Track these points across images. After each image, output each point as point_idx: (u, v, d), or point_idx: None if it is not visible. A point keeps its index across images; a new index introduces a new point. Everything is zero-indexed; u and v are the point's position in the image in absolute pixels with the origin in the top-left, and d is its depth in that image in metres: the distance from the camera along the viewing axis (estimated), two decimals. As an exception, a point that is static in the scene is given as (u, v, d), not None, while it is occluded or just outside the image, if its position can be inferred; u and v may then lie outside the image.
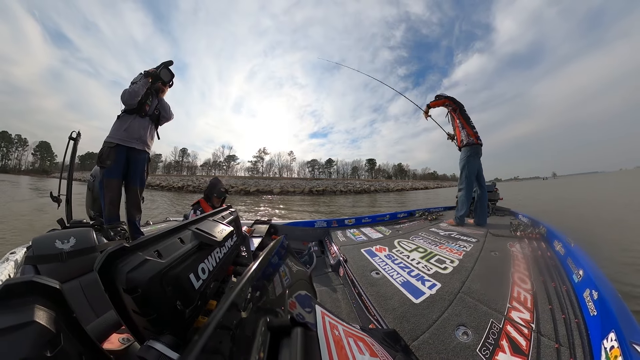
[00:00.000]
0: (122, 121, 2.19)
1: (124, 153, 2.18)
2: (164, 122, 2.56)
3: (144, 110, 2.27)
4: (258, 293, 0.59)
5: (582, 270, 1.48)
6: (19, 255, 1.47)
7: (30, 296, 0.35)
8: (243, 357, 0.40)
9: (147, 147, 2.34)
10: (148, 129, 2.33)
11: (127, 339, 0.67)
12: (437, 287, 1.50)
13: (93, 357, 0.42)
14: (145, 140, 2.31)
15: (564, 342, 1.04)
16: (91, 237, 1.52)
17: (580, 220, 7.28)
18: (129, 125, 2.19)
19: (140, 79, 2.18)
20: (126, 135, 2.17)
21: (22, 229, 6.41)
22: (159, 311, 0.45)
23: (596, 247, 4.17)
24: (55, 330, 0.35)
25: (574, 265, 1.61)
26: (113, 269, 0.42)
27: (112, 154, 2.11)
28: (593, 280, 1.30)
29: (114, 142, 2.13)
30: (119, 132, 2.16)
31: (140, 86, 2.15)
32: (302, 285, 0.95)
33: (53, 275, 0.63)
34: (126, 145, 2.18)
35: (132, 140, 2.20)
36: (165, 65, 2.29)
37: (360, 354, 0.53)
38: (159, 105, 2.42)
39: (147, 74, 2.22)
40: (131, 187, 2.29)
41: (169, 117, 2.56)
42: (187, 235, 0.64)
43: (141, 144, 2.28)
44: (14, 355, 0.30)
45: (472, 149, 3.40)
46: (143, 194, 2.45)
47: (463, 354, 1.00)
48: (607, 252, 3.96)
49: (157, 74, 2.25)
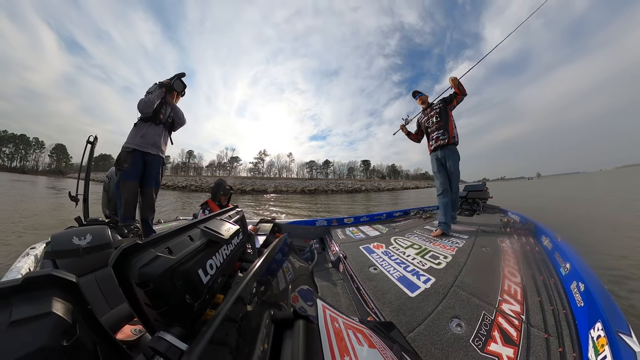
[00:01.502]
0: (138, 128, 2.26)
1: (140, 157, 2.24)
2: (178, 127, 2.62)
3: (159, 118, 2.33)
4: (263, 288, 0.59)
5: (569, 263, 1.48)
6: (39, 250, 1.48)
7: (49, 289, 0.35)
8: (248, 348, 0.40)
9: (161, 152, 2.41)
10: (162, 136, 2.40)
11: (139, 330, 0.67)
12: (432, 281, 1.50)
13: (107, 346, 0.42)
14: (160, 145, 2.37)
15: (552, 333, 1.04)
16: (106, 234, 1.53)
17: (561, 215, 7.28)
18: (145, 132, 2.25)
19: (155, 89, 2.26)
20: (142, 141, 2.24)
21: (41, 224, 6.42)
22: (169, 304, 0.45)
23: (579, 241, 4.16)
24: (71, 321, 0.35)
25: (561, 259, 1.61)
26: (127, 264, 0.43)
27: (129, 158, 2.18)
28: (579, 273, 1.29)
29: (131, 147, 2.20)
30: (136, 138, 2.23)
31: (156, 96, 2.22)
32: (304, 280, 0.95)
33: (70, 270, 0.63)
34: (142, 150, 2.24)
35: (147, 145, 2.27)
36: (178, 77, 2.39)
37: (359, 345, 0.53)
38: (172, 112, 2.48)
39: (161, 84, 2.31)
40: (146, 188, 2.34)
41: (183, 122, 2.62)
42: (196, 233, 0.64)
43: (156, 149, 2.34)
44: (33, 344, 0.30)
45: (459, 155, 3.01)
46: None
47: (457, 344, 0.99)
48: (592, 245, 3.94)
49: (171, 85, 2.34)
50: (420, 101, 3.27)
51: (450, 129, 2.94)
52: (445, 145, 2.96)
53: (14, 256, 1.65)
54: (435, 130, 3.03)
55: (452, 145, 2.96)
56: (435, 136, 3.02)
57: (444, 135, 2.94)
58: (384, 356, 0.57)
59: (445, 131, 2.94)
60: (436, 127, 3.03)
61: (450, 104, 2.96)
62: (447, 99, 2.99)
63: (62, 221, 6.34)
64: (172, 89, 2.35)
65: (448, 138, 2.92)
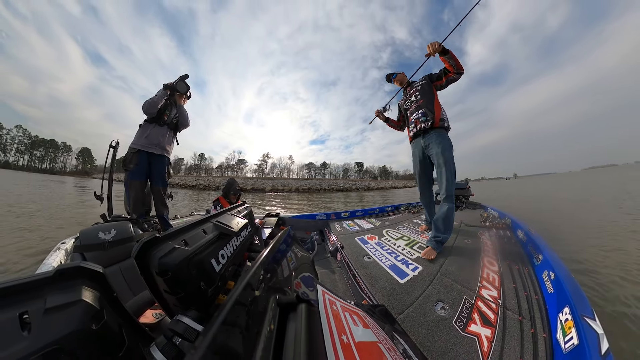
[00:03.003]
0: (143, 129, 2.16)
1: (146, 158, 2.14)
2: (182, 128, 2.48)
3: (163, 119, 2.22)
4: (269, 275, 0.59)
5: (541, 255, 1.48)
6: (69, 244, 1.48)
7: (79, 279, 0.36)
8: (257, 328, 0.40)
9: (165, 152, 2.29)
10: (166, 136, 2.27)
11: (160, 314, 0.67)
12: (419, 269, 1.50)
13: (131, 329, 0.42)
14: (164, 146, 2.26)
15: (526, 315, 1.05)
16: (129, 229, 1.52)
17: (533, 210, 7.29)
18: (149, 133, 2.15)
19: (160, 91, 2.16)
20: (147, 142, 2.14)
21: (71, 220, 6.39)
22: (186, 290, 0.45)
23: (550, 233, 4.17)
24: (99, 307, 0.35)
25: (534, 251, 1.61)
26: (147, 255, 0.43)
27: (135, 158, 2.08)
28: (550, 263, 1.30)
29: (136, 148, 2.10)
30: (141, 139, 2.13)
31: (159, 97, 2.12)
32: (305, 268, 0.95)
33: (97, 262, 0.63)
34: (147, 150, 2.14)
35: (151, 146, 2.16)
36: (181, 79, 2.26)
37: (354, 326, 0.53)
38: (177, 113, 2.35)
39: (165, 86, 2.19)
40: (154, 187, 2.26)
41: (187, 123, 2.47)
42: (209, 227, 0.64)
43: (160, 149, 2.22)
44: (66, 328, 0.30)
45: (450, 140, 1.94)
46: (169, 191, 2.42)
47: (441, 325, 1.00)
48: (565, 238, 3.95)
49: (174, 86, 2.22)
50: (398, 82, 2.37)
51: (437, 109, 1.95)
52: (428, 129, 1.95)
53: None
54: (415, 111, 2.04)
55: (439, 128, 1.94)
56: (415, 118, 2.03)
57: (425, 116, 1.95)
58: (376, 335, 0.57)
59: (429, 111, 1.94)
60: (415, 107, 2.04)
61: (439, 81, 1.98)
62: (435, 75, 2.01)
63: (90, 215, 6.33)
64: (175, 89, 2.23)
65: (433, 120, 1.91)
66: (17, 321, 0.28)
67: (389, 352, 0.54)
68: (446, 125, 1.96)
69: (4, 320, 0.27)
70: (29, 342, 0.27)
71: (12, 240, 3.98)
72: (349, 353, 0.42)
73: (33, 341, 0.27)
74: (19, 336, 0.27)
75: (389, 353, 0.53)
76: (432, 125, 1.94)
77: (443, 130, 1.96)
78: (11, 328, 0.27)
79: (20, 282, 0.30)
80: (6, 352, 0.25)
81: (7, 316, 0.27)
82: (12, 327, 0.27)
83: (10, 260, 3.14)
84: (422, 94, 2.03)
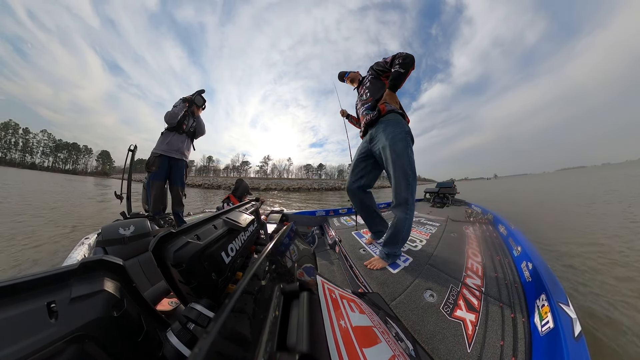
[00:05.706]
0: (165, 136, 2.24)
1: (167, 161, 2.22)
2: (199, 136, 2.58)
3: (182, 128, 2.30)
4: (274, 266, 0.59)
5: (520, 247, 1.49)
6: (92, 239, 1.48)
7: (101, 271, 0.36)
8: (263, 315, 0.40)
9: (184, 157, 2.38)
10: (185, 143, 2.37)
11: (175, 302, 0.67)
12: (410, 260, 1.50)
13: (149, 316, 0.42)
14: (183, 151, 2.35)
15: (506, 302, 1.05)
16: (147, 225, 1.52)
17: (508, 206, 7.29)
18: (170, 140, 2.23)
19: (180, 104, 2.23)
20: (167, 148, 2.22)
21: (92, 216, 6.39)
22: (199, 281, 0.45)
23: (530, 227, 4.17)
24: (119, 296, 0.35)
25: (514, 243, 1.62)
26: (163, 249, 0.43)
27: (157, 161, 2.16)
28: (529, 254, 1.31)
29: (158, 152, 2.18)
30: (162, 145, 2.21)
31: (179, 109, 2.20)
32: (307, 259, 0.95)
33: (117, 255, 0.63)
34: (167, 155, 2.22)
35: (172, 151, 2.24)
36: (198, 93, 2.37)
37: (352, 312, 0.53)
38: (194, 123, 2.44)
39: (184, 99, 2.28)
40: (173, 187, 2.33)
41: (203, 132, 2.59)
42: (219, 223, 0.64)
43: (179, 154, 2.31)
44: (90, 315, 0.30)
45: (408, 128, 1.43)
46: (185, 191, 2.48)
47: (430, 311, 1.01)
48: (541, 231, 3.96)
49: (192, 100, 2.32)
50: (349, 81, 1.93)
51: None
52: (375, 120, 1.49)
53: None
54: (362, 108, 1.66)
55: (387, 114, 1.45)
56: (362, 113, 1.66)
57: (371, 109, 1.53)
58: (371, 320, 0.58)
59: (375, 101, 1.52)
60: (362, 104, 1.67)
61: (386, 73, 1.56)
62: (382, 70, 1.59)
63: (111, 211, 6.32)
64: (193, 102, 2.34)
65: (378, 108, 1.47)
66: (45, 309, 0.28)
67: (382, 335, 0.54)
68: (395, 110, 1.43)
69: (34, 308, 0.27)
70: (57, 328, 0.27)
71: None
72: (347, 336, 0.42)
73: (60, 327, 0.27)
74: (48, 323, 0.27)
75: (383, 336, 0.53)
76: (379, 115, 1.45)
77: (393, 114, 1.43)
78: (40, 316, 0.27)
79: (48, 274, 0.30)
80: (36, 338, 0.26)
81: (37, 305, 0.28)
82: (41, 315, 0.27)
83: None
84: (371, 91, 1.62)
